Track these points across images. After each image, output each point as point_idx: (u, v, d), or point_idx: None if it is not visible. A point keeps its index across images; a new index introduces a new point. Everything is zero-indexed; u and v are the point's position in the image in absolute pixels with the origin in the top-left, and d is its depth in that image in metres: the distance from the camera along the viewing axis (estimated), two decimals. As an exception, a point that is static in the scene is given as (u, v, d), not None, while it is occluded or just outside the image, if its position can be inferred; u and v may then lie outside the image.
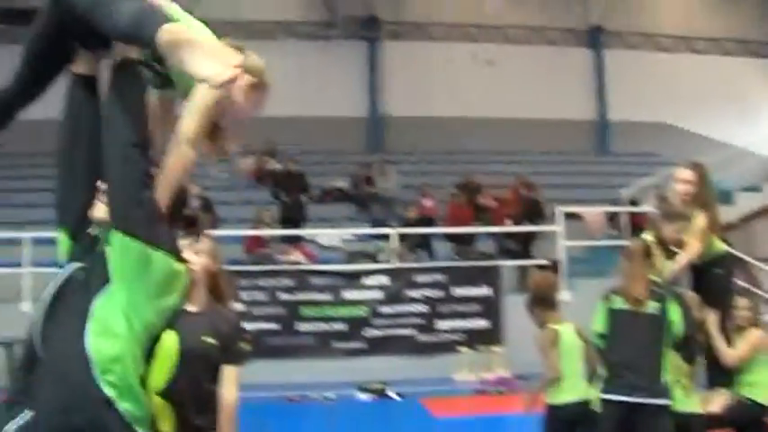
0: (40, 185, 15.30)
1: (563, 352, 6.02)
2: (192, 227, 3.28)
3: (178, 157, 2.86)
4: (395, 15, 23.12)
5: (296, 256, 13.91)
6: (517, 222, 14.87)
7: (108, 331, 2.66)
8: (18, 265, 12.60)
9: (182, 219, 3.10)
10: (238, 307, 10.35)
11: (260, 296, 12.25)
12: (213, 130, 2.96)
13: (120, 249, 2.69)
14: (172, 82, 2.96)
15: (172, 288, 2.70)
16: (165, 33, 2.45)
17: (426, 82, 22.03)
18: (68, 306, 2.77)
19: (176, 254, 2.80)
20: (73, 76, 3.07)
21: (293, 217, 15.64)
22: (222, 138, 3.03)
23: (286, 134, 16.66)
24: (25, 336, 2.86)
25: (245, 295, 11.83)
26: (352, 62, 22.64)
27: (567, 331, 6.12)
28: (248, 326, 10.22)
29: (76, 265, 2.90)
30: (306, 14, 23.04)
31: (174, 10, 2.98)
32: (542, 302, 6.23)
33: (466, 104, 21.74)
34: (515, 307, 9.36)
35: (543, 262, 13.14)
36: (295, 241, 14.76)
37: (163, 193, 2.81)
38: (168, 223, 2.91)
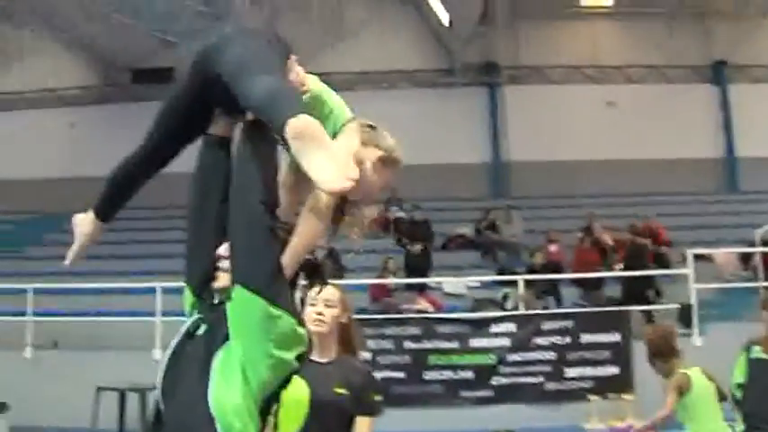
0: (172, 237, 15.83)
1: (697, 396, 5.86)
2: (315, 274, 3.30)
3: (308, 227, 2.84)
4: (514, 60, 23.18)
5: (422, 304, 13.97)
6: (644, 266, 14.53)
7: (227, 387, 2.66)
8: (151, 314, 13.04)
9: (304, 268, 3.09)
10: (365, 355, 10.47)
11: (386, 345, 12.28)
12: (343, 203, 2.95)
13: (240, 305, 2.67)
14: None
15: (290, 348, 2.67)
16: (293, 125, 2.44)
17: (547, 125, 21.93)
18: (190, 361, 2.80)
19: (297, 315, 2.75)
20: (206, 135, 3.13)
21: (418, 265, 15.72)
22: (352, 210, 3.03)
23: (409, 182, 16.77)
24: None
25: (371, 344, 11.91)
26: (473, 108, 22.77)
27: (697, 375, 5.96)
28: (375, 374, 10.37)
29: (199, 319, 2.93)
30: (426, 63, 23.36)
31: (315, 84, 3.00)
32: (661, 355, 6.07)
33: (588, 147, 21.53)
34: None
35: (673, 306, 12.86)
36: (420, 289, 14.83)
37: (290, 262, 2.79)
38: (291, 284, 2.89)
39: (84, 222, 3.28)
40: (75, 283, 15.41)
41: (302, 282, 3.17)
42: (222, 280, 2.91)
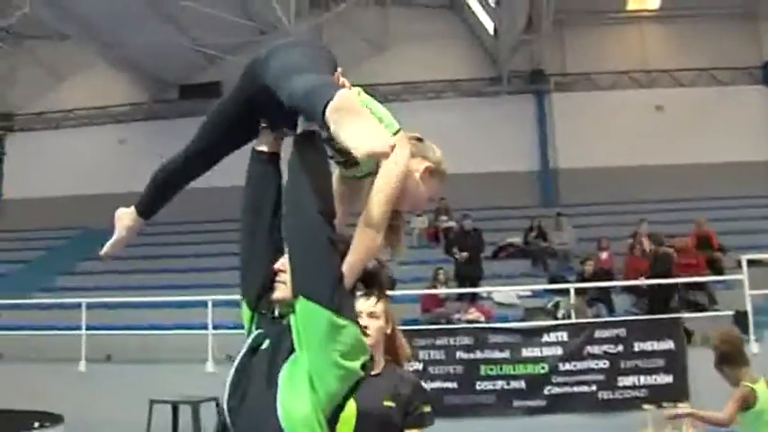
0: (224, 250, 15.95)
1: (761, 411, 5.72)
2: (373, 283, 3.29)
3: (364, 241, 2.81)
4: (561, 67, 23.09)
5: (473, 314, 13.91)
6: (668, 275, 14.35)
7: (296, 399, 2.66)
8: (203, 327, 13.13)
9: (362, 278, 3.08)
10: (415, 366, 10.44)
11: (438, 355, 12.23)
12: (393, 215, 2.93)
13: (305, 317, 2.67)
14: (356, 162, 2.96)
15: (355, 357, 2.67)
16: (332, 105, 2.46)
17: (596, 132, 21.78)
18: (256, 375, 2.80)
19: (360, 325, 2.76)
20: (255, 151, 3.15)
21: (469, 274, 15.67)
22: (400, 224, 3.02)
23: (458, 191, 16.60)
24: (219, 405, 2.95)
25: (422, 354, 11.91)
26: (521, 116, 22.71)
27: (763, 389, 5.82)
28: (427, 385, 10.33)
29: (261, 333, 2.94)
30: (473, 72, 23.36)
31: (361, 96, 3.01)
32: (731, 360, 5.93)
33: (637, 152, 21.35)
34: (702, 361, 9.02)
35: (728, 313, 12.66)
36: (471, 299, 14.78)
37: (349, 274, 2.78)
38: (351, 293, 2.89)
39: (125, 216, 3.34)
40: (128, 297, 15.62)
41: (359, 292, 3.17)
42: (281, 291, 2.92)
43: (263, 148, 3.14)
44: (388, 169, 2.81)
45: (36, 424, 10.18)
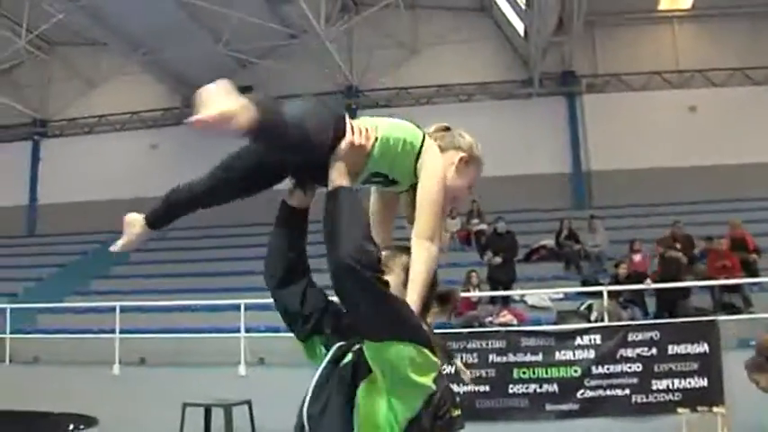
0: (257, 254, 15.97)
1: None
2: (447, 302, 3.27)
3: (423, 255, 2.80)
4: (592, 68, 22.98)
5: (506, 317, 13.86)
6: (677, 279, 14.26)
7: (373, 416, 2.67)
8: (236, 330, 13.18)
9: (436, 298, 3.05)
10: (447, 369, 10.40)
11: (470, 358, 12.21)
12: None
13: (375, 352, 2.66)
14: (395, 181, 2.98)
15: (427, 373, 2.66)
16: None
17: (628, 133, 21.65)
18: (336, 387, 2.78)
19: (430, 342, 2.70)
20: (284, 204, 3.10)
21: (502, 277, 15.61)
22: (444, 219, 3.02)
23: (490, 194, 16.56)
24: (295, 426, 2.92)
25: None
26: (553, 118, 22.61)
27: None
28: (459, 389, 10.29)
29: (341, 345, 2.91)
30: (504, 74, 23.31)
31: (377, 126, 2.95)
32: None
33: (670, 153, 21.20)
34: (737, 364, 8.92)
35: (763, 315, 12.52)
36: (504, 302, 14.72)
37: (415, 298, 2.76)
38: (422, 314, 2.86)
39: (135, 223, 3.28)
40: (162, 301, 15.71)
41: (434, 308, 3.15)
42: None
43: (292, 203, 3.07)
44: (428, 176, 2.83)
45: (71, 426, 10.27)
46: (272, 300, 3.09)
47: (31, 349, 15.50)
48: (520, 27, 21.63)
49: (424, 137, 2.97)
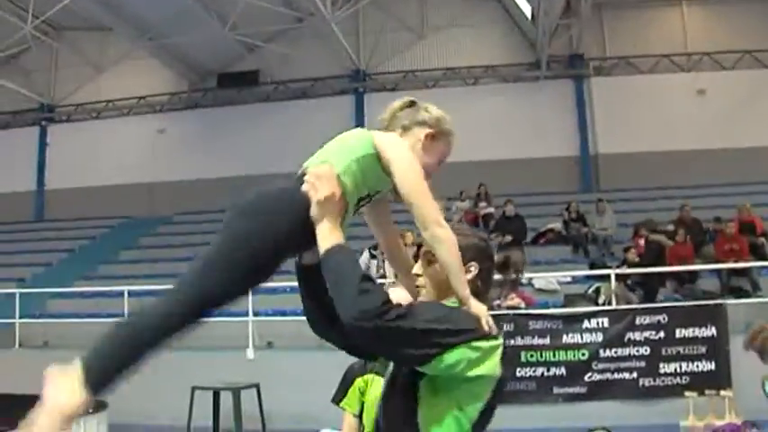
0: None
1: None
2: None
3: (440, 247, 2.72)
4: (600, 51, 22.90)
5: (513, 300, 13.84)
6: (660, 263, 14.31)
7: (438, 413, 2.64)
8: (244, 314, 13.19)
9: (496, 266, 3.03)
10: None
11: (478, 342, 12.18)
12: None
13: (429, 371, 2.61)
14: (379, 191, 2.91)
15: (484, 361, 2.62)
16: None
17: (636, 116, 21.58)
18: (402, 384, 2.73)
19: (475, 331, 2.64)
20: (299, 266, 3.03)
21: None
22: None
23: (498, 177, 16.62)
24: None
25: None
26: (561, 101, 22.53)
27: None
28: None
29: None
30: (512, 57, 23.23)
31: (333, 169, 2.80)
32: None
33: (679, 137, 21.13)
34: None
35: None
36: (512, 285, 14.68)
37: (459, 286, 2.70)
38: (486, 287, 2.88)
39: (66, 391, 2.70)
40: (170, 285, 15.70)
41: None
42: (424, 296, 2.89)
43: (307, 263, 2.97)
44: (399, 170, 2.77)
45: (80, 410, 10.28)
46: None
47: (41, 334, 15.54)
48: (527, 9, 21.56)
49: (372, 135, 2.87)
